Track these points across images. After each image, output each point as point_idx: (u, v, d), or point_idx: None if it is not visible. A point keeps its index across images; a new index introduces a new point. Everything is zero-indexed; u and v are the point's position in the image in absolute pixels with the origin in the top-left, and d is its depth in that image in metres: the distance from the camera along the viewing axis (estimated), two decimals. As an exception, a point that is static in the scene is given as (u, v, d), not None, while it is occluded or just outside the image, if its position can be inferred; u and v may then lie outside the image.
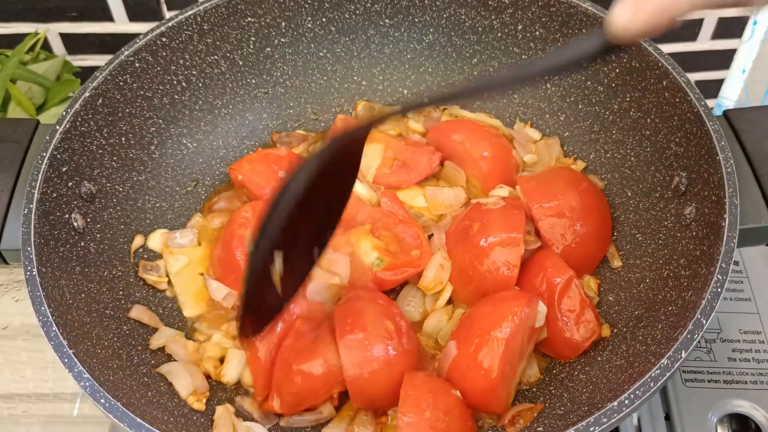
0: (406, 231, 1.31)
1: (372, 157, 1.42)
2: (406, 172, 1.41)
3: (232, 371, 1.22)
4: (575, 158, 1.44)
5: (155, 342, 1.23)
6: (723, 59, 1.93)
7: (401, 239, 1.30)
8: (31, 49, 1.73)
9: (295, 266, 1.04)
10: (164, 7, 1.74)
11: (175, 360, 1.22)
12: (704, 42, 1.89)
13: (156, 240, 1.35)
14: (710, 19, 1.83)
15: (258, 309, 1.06)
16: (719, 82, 1.99)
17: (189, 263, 1.32)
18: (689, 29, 1.85)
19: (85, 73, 1.72)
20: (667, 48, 1.23)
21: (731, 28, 1.85)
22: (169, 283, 1.32)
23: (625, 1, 0.82)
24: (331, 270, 1.26)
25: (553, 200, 1.28)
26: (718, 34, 1.87)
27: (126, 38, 1.32)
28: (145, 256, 1.33)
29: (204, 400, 1.18)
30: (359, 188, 1.38)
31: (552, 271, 1.21)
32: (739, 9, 0.84)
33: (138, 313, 1.25)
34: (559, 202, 1.28)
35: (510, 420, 1.14)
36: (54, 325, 1.02)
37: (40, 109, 1.68)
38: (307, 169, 0.94)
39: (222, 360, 1.24)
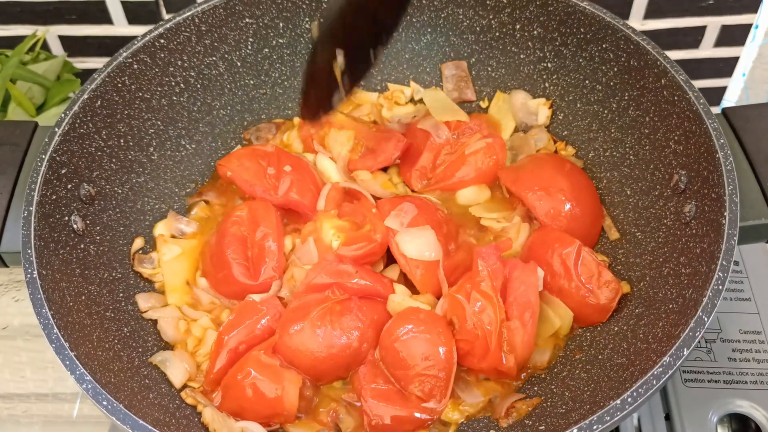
0: (357, 210, 1.33)
1: (341, 143, 1.42)
2: (372, 157, 1.41)
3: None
4: (566, 143, 1.45)
5: (150, 313, 1.26)
6: (726, 67, 1.93)
7: (356, 217, 1.32)
8: (31, 49, 1.73)
9: (354, 65, 1.20)
10: (163, 10, 1.74)
11: (164, 341, 1.25)
12: (707, 49, 1.89)
13: (161, 228, 1.36)
14: (713, 26, 1.83)
15: (318, 96, 1.21)
16: (722, 90, 1.98)
17: (181, 254, 1.32)
18: (692, 36, 1.86)
19: (85, 75, 1.72)
20: (669, 55, 1.23)
21: (734, 35, 1.85)
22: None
23: None
24: (302, 263, 1.29)
25: (544, 186, 1.32)
26: (720, 42, 1.87)
27: (125, 41, 1.32)
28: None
29: (198, 395, 1.18)
30: (331, 171, 1.41)
31: (559, 245, 1.23)
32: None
33: (144, 302, 1.26)
34: (550, 187, 1.31)
35: (505, 412, 1.15)
36: (55, 327, 1.02)
37: (40, 108, 1.68)
38: None
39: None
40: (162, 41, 1.35)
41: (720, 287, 1.01)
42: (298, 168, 1.37)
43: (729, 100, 2.00)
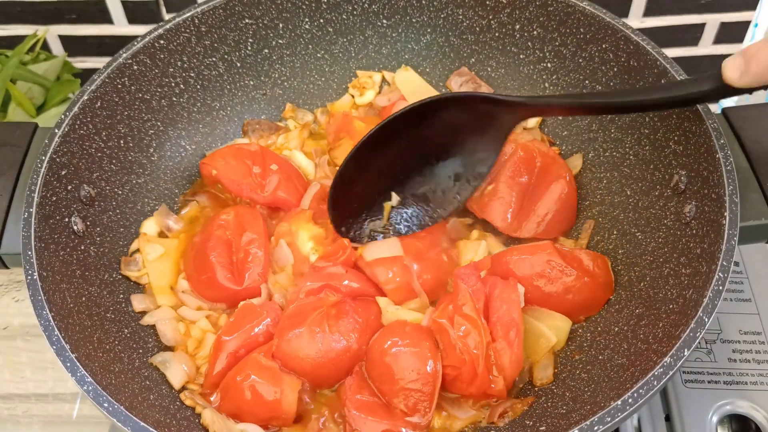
0: None
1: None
2: None
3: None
4: (550, 142, 1.46)
5: (146, 318, 1.25)
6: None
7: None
8: (31, 49, 1.72)
9: (409, 214, 1.30)
10: (163, 10, 1.74)
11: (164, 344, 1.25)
12: (706, 47, 1.89)
13: (150, 224, 1.35)
14: (712, 24, 1.83)
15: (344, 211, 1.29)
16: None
17: (165, 253, 1.32)
18: (691, 34, 1.85)
19: (85, 75, 1.72)
20: (669, 53, 1.23)
21: (733, 33, 1.85)
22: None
23: (736, 56, 0.98)
24: (279, 265, 1.29)
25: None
26: (719, 39, 1.87)
27: (125, 40, 1.32)
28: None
29: (196, 397, 1.18)
30: (306, 167, 1.43)
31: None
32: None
33: (139, 303, 1.26)
34: None
35: (500, 415, 1.14)
36: (56, 329, 1.02)
37: (40, 109, 1.68)
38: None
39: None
40: (162, 42, 1.35)
41: (720, 287, 1.01)
42: (284, 167, 1.37)
43: (729, 99, 2.00)
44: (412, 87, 1.51)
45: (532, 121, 1.46)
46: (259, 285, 1.27)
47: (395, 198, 1.28)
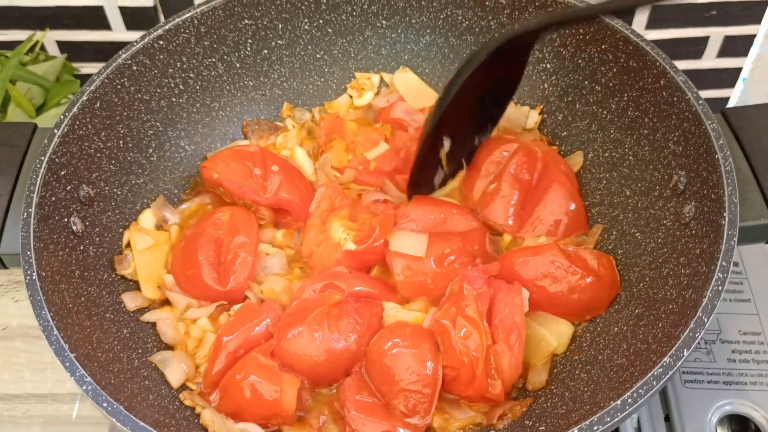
0: (375, 207, 1.33)
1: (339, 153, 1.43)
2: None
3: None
4: (549, 142, 1.45)
5: (147, 315, 1.26)
6: (728, 77, 1.92)
7: (371, 213, 1.32)
8: (31, 50, 1.72)
9: (460, 150, 1.34)
10: (161, 16, 1.73)
11: (164, 343, 1.25)
12: (710, 60, 1.88)
13: (147, 215, 1.35)
14: (716, 37, 1.82)
15: (422, 179, 1.33)
16: (725, 101, 1.98)
17: (154, 245, 1.31)
18: (694, 47, 1.85)
19: (82, 80, 1.72)
20: (672, 65, 1.23)
21: (737, 46, 1.84)
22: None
23: None
24: (272, 271, 1.31)
25: None
26: (723, 53, 1.86)
27: (123, 46, 1.32)
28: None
29: (195, 397, 1.17)
30: (306, 165, 1.43)
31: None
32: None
33: (131, 301, 1.26)
34: None
35: (499, 417, 1.14)
36: (55, 329, 1.02)
37: (39, 109, 1.68)
38: (475, 60, 1.16)
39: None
40: (161, 42, 1.35)
41: (720, 288, 1.01)
42: (285, 167, 1.37)
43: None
44: (410, 88, 1.51)
45: (531, 122, 1.46)
46: (242, 289, 1.27)
47: (447, 143, 1.30)
